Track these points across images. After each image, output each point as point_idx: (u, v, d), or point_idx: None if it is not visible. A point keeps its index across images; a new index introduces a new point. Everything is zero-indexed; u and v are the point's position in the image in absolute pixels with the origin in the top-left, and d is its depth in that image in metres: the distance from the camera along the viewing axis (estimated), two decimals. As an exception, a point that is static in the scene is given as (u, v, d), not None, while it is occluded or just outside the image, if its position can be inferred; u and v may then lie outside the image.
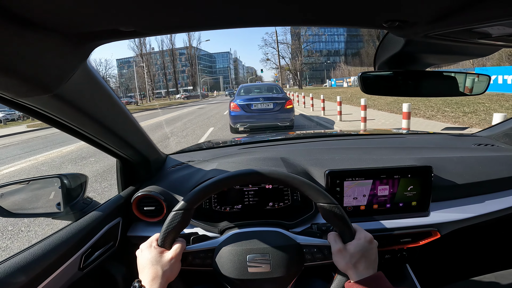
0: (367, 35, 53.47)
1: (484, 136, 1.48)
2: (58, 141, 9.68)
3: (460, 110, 9.08)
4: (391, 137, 1.58)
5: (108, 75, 52.23)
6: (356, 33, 73.40)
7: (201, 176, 1.05)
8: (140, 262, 0.66)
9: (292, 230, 0.88)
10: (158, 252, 0.65)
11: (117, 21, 0.42)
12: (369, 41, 46.17)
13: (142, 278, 0.63)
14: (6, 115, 26.29)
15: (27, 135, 13.80)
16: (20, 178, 0.93)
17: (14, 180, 0.91)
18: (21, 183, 0.93)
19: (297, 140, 1.51)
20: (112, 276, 0.92)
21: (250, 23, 0.50)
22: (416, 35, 0.59)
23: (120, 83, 65.23)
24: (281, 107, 7.44)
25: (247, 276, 0.68)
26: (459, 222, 1.02)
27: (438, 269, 1.27)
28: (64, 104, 0.58)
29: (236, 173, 0.70)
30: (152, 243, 0.68)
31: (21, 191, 0.94)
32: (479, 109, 8.87)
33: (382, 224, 0.99)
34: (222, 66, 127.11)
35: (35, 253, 0.67)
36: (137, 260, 0.67)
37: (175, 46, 68.73)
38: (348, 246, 0.65)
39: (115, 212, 0.94)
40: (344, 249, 0.65)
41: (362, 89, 0.78)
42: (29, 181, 0.94)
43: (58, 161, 6.71)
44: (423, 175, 0.97)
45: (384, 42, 0.74)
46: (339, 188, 0.97)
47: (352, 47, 79.26)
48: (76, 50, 0.47)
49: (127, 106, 3.22)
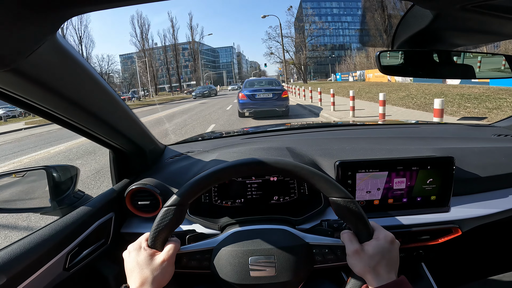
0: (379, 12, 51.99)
1: (502, 126, 1.40)
2: (50, 139, 9.51)
3: (482, 105, 8.73)
4: (404, 127, 1.50)
5: (111, 70, 52.06)
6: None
7: (200, 168, 0.98)
8: (127, 266, 0.58)
9: (300, 227, 0.80)
10: (148, 254, 0.57)
11: None
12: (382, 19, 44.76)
13: (130, 283, 0.56)
14: (8, 112, 26.12)
15: (22, 133, 13.49)
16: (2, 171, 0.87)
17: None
18: (5, 176, 0.86)
19: (304, 130, 1.44)
20: (103, 276, 0.85)
21: None
22: (450, 7, 0.50)
23: (124, 79, 65.17)
24: (278, 96, 9.63)
25: (249, 280, 0.61)
26: (482, 218, 0.94)
27: (456, 268, 1.19)
28: (27, 81, 0.49)
29: (237, 163, 0.62)
30: (142, 243, 0.60)
31: (6, 185, 0.88)
32: (502, 105, 8.48)
33: (398, 220, 0.91)
34: (225, 61, 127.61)
35: (13, 253, 0.61)
36: (125, 263, 0.60)
37: (178, 41, 68.41)
38: (366, 247, 0.57)
39: (107, 207, 0.87)
40: (361, 250, 0.57)
41: (380, 68, 0.71)
42: (13, 173, 0.87)
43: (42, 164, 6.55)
44: (444, 167, 0.89)
45: (407, 17, 0.66)
46: (351, 181, 0.89)
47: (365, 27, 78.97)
48: (41, 20, 0.39)
49: (128, 103, 3.12)
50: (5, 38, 0.37)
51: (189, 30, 75.10)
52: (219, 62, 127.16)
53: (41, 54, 0.45)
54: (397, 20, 0.69)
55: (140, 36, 58.47)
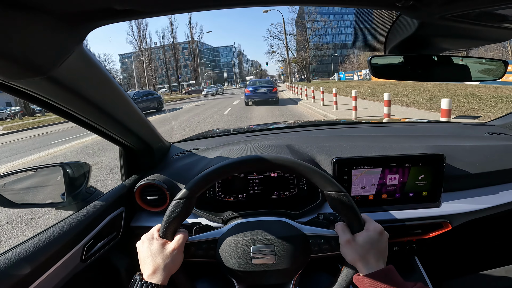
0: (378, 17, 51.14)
1: (497, 125, 1.44)
2: (25, 149, 8.47)
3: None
4: (401, 125, 1.54)
5: (109, 70, 50.73)
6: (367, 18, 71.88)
7: (204, 164, 1.03)
8: (141, 255, 0.64)
9: (298, 220, 0.85)
10: (160, 243, 0.63)
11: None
12: (380, 25, 44.21)
13: (143, 270, 0.62)
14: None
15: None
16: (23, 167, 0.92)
17: (16, 169, 0.90)
18: (24, 172, 0.92)
19: (303, 128, 1.49)
20: (115, 267, 0.91)
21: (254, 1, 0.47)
22: (431, 17, 0.55)
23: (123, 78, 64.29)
24: (270, 91, 14.89)
25: (251, 267, 0.66)
26: (471, 213, 0.99)
27: (448, 261, 1.24)
28: (59, 87, 0.55)
29: (240, 159, 0.68)
30: (154, 234, 0.66)
31: (23, 181, 0.93)
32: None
33: (391, 215, 0.96)
34: (226, 60, 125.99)
35: (35, 245, 0.66)
36: (138, 252, 0.66)
37: (177, 40, 67.10)
38: (357, 237, 0.62)
39: (118, 202, 0.93)
40: (352, 240, 0.62)
41: (372, 73, 0.76)
42: (33, 169, 0.92)
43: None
44: (435, 164, 0.94)
45: (396, 25, 0.71)
46: (346, 177, 0.94)
47: (362, 33, 77.78)
48: (70, 32, 0.45)
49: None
50: (43, 48, 0.43)
51: (188, 28, 72.60)
52: (219, 62, 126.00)
53: (71, 63, 0.52)
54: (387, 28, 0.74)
55: (138, 35, 56.83)
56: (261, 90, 14.91)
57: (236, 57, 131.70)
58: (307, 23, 54.04)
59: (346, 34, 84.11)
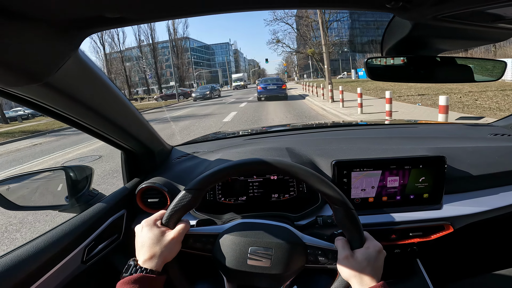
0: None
1: (500, 126, 1.42)
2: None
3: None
4: (402, 127, 1.53)
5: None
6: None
7: (205, 167, 1.04)
8: (139, 239, 0.63)
9: (297, 223, 0.85)
10: (160, 231, 0.63)
11: (100, 7, 0.40)
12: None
13: (139, 255, 0.62)
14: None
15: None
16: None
17: (20, 173, 0.92)
18: (28, 176, 0.94)
19: (304, 130, 1.49)
20: (116, 269, 0.92)
21: (246, 5, 0.47)
22: (423, 18, 0.55)
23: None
24: (280, 87, 16.88)
25: (245, 268, 0.66)
26: (473, 215, 0.97)
27: (450, 264, 1.22)
28: (56, 93, 0.57)
29: (253, 160, 0.68)
30: (156, 221, 0.66)
31: (27, 184, 0.95)
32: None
33: (392, 217, 0.95)
34: (222, 59, 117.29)
35: (36, 247, 0.67)
36: (136, 236, 0.65)
37: (156, 33, 54.07)
38: (356, 254, 0.63)
39: (120, 204, 0.94)
40: (351, 256, 0.62)
41: (368, 75, 0.76)
42: (36, 173, 0.94)
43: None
44: (436, 166, 0.93)
45: (391, 26, 0.70)
46: (346, 179, 0.94)
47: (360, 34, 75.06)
48: (64, 40, 0.46)
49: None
50: (38, 56, 0.44)
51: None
52: (214, 61, 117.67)
53: (68, 69, 0.53)
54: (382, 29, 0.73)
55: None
56: (272, 87, 17.00)
57: (233, 55, 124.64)
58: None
59: (359, 28, 79.63)
